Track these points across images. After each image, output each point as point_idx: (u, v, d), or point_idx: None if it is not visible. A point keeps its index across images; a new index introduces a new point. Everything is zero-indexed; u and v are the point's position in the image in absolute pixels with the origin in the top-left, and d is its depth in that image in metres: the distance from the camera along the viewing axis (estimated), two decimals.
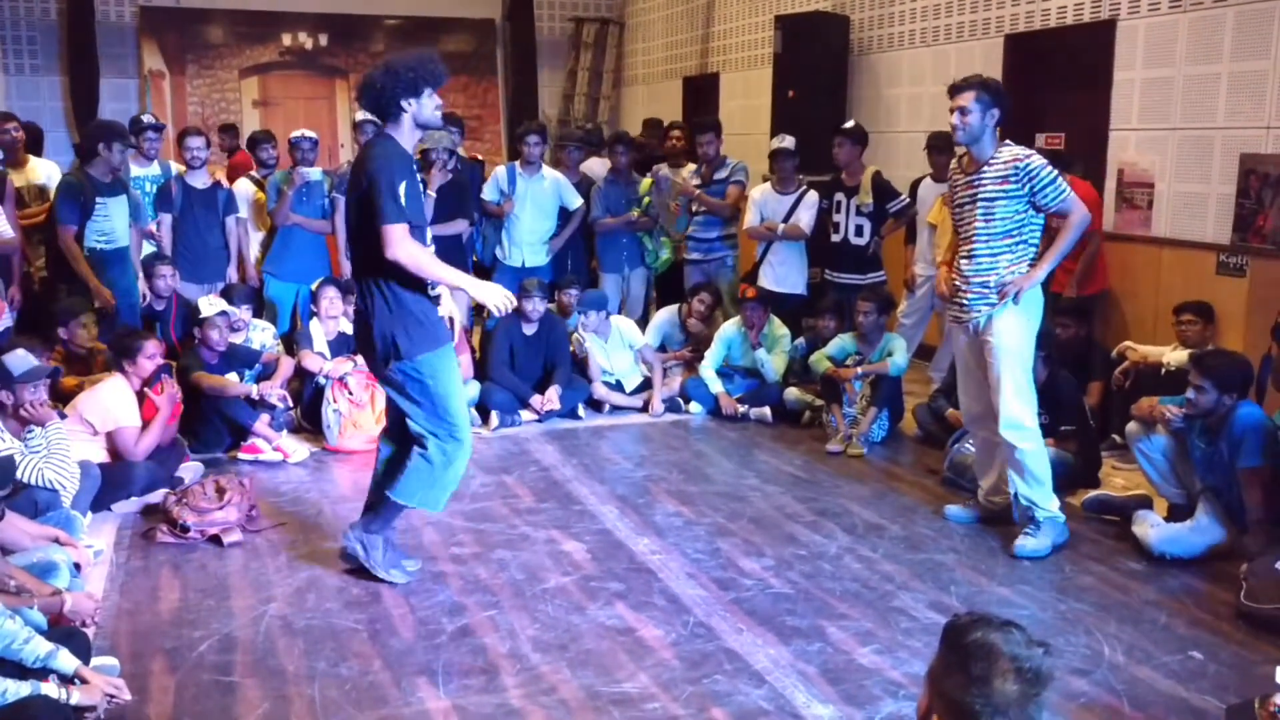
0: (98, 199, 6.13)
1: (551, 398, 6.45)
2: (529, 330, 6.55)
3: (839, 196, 6.93)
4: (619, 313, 7.40)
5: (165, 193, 6.95)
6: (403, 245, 3.81)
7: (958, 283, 4.58)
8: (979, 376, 4.65)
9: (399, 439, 4.23)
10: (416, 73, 3.88)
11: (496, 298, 4.02)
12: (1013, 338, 4.46)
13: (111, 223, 6.25)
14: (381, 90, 3.90)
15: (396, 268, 3.85)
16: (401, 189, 3.80)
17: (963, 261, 4.56)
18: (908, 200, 6.95)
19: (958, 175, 4.61)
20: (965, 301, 4.56)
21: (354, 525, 4.26)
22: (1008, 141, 4.48)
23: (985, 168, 4.43)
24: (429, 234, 4.09)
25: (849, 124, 7.08)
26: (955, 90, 4.45)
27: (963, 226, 4.59)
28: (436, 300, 4.08)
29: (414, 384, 3.99)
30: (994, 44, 7.25)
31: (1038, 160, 4.37)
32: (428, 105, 3.93)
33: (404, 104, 3.90)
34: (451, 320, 4.19)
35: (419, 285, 3.97)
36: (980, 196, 4.45)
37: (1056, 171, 4.40)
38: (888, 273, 7.16)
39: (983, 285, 4.48)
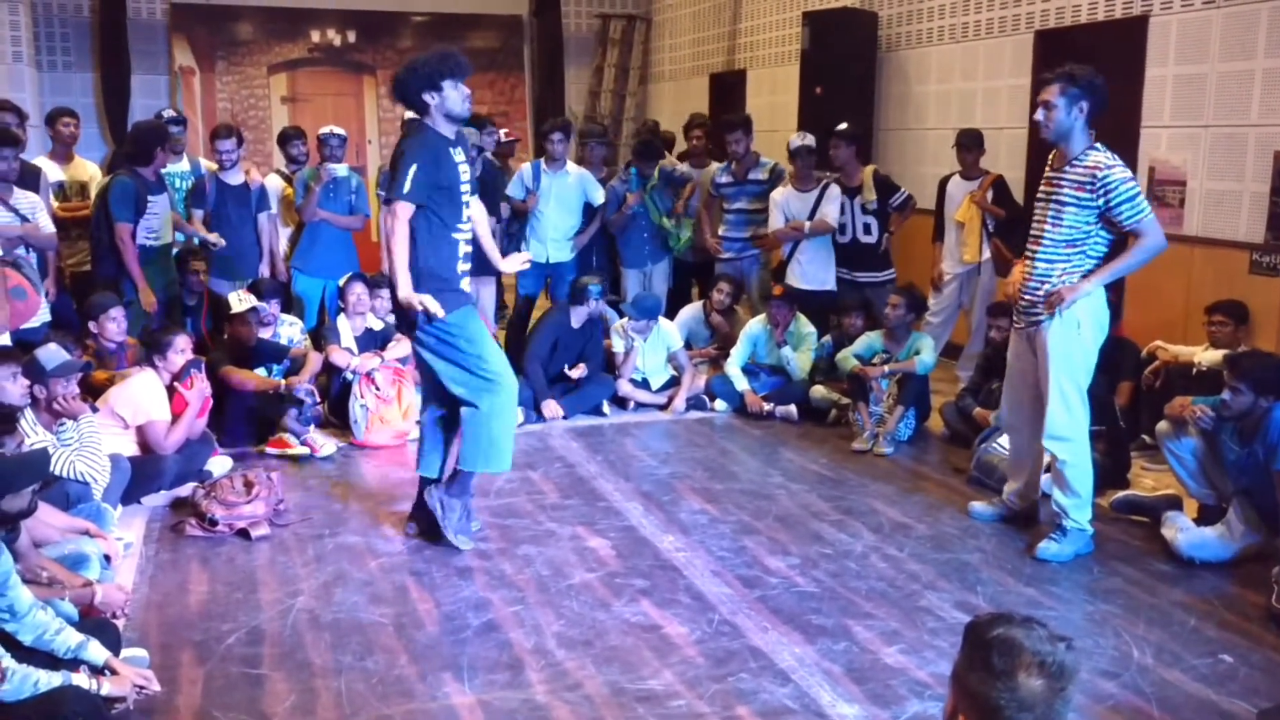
0: (149, 197, 6.22)
1: (555, 411, 6.43)
2: (576, 324, 6.58)
3: (843, 198, 6.94)
4: None
5: (198, 190, 7.02)
6: (395, 219, 4.09)
7: (1021, 287, 4.42)
8: (1024, 385, 4.54)
9: (443, 404, 4.50)
10: (434, 67, 4.09)
11: (412, 305, 4.11)
12: (1065, 349, 4.29)
13: (160, 219, 6.40)
14: (405, 86, 4.15)
15: (413, 236, 4.12)
16: (412, 171, 4.03)
17: (1027, 264, 4.41)
18: (907, 194, 6.99)
19: (1048, 171, 4.36)
20: (1022, 307, 4.43)
21: (439, 485, 4.50)
22: (1098, 145, 4.22)
23: (1068, 168, 4.23)
24: (465, 212, 4.29)
25: (842, 126, 7.05)
26: (1042, 83, 4.24)
27: (1033, 226, 4.40)
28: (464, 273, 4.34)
29: (444, 345, 4.26)
30: (1024, 40, 7.19)
31: (1120, 172, 4.13)
32: (452, 97, 4.13)
33: (426, 98, 4.12)
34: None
35: (444, 254, 4.21)
36: (1054, 198, 4.26)
37: (1139, 188, 4.16)
38: (913, 271, 7.13)
39: (1037, 293, 4.33)
